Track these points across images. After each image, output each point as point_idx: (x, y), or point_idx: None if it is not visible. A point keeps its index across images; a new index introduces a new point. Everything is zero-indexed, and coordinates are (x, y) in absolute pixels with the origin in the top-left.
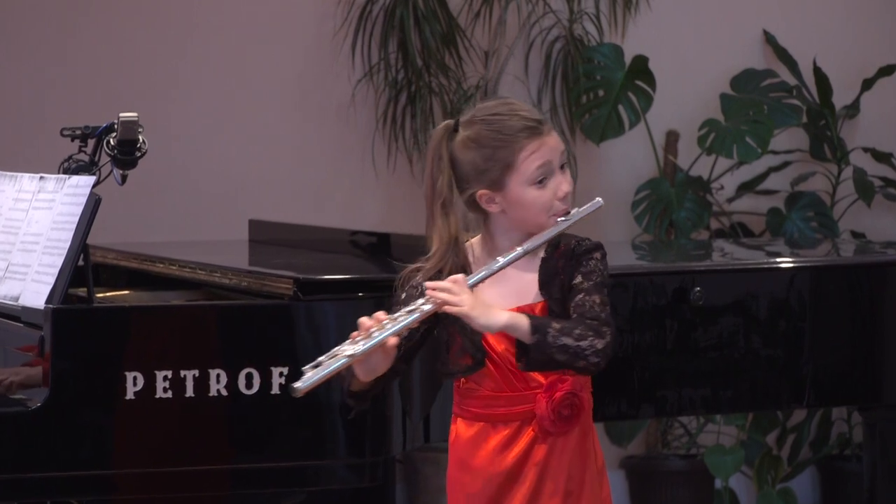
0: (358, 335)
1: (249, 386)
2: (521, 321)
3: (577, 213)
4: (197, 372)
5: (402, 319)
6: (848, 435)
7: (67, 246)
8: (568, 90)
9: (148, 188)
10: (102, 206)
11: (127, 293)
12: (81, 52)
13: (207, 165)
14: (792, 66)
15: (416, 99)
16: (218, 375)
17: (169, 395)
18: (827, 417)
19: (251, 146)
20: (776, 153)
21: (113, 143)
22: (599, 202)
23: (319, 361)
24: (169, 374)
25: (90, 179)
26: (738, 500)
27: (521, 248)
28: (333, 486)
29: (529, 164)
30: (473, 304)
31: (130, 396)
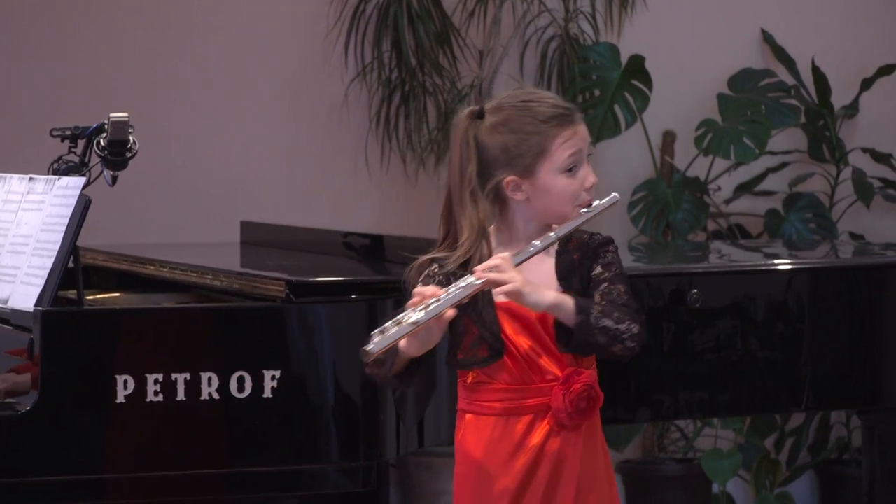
0: (414, 305)
1: (241, 389)
2: (566, 301)
3: (598, 205)
4: (188, 375)
5: (456, 293)
6: (847, 439)
7: (57, 248)
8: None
9: (138, 189)
10: (92, 207)
11: (117, 295)
12: (72, 52)
13: (198, 166)
14: (790, 65)
15: (409, 99)
16: (209, 379)
17: (160, 398)
18: (825, 421)
19: (243, 147)
20: (774, 154)
21: (103, 143)
22: (616, 197)
23: (384, 328)
24: (160, 377)
25: (80, 180)
26: None
27: (553, 233)
28: (327, 490)
29: (563, 151)
30: (524, 281)
31: (121, 400)
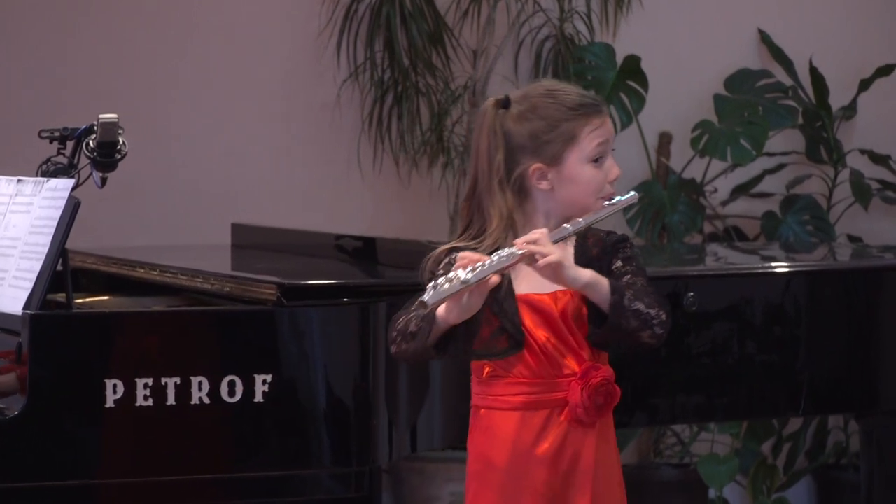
0: (462, 267)
1: (232, 394)
2: (602, 280)
3: (619, 200)
4: (178, 379)
5: (499, 261)
6: (844, 444)
7: (46, 250)
8: None
9: (128, 191)
10: (82, 209)
11: (107, 299)
12: (62, 54)
13: (189, 168)
14: (787, 66)
15: (402, 99)
16: (200, 383)
17: (150, 402)
18: (823, 426)
19: (234, 148)
20: (771, 155)
21: (92, 144)
22: (636, 196)
23: (437, 283)
24: (150, 381)
25: (69, 182)
26: None
27: (582, 219)
28: (319, 496)
29: (591, 140)
30: (563, 255)
31: (110, 404)
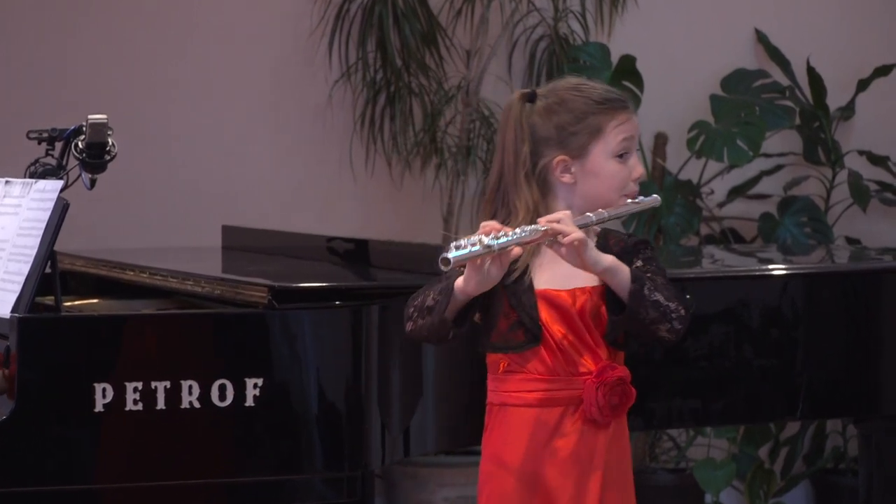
0: (486, 233)
1: (223, 398)
2: (623, 266)
3: (642, 199)
4: (168, 383)
5: (521, 234)
6: (843, 448)
7: (34, 253)
8: None
9: (117, 193)
10: (71, 211)
11: (96, 302)
12: (47, 55)
13: (179, 169)
14: (785, 66)
15: (395, 100)
16: (190, 387)
17: (139, 407)
18: (821, 430)
19: (224, 149)
20: (768, 156)
21: (81, 145)
22: (658, 199)
23: (458, 244)
24: (139, 385)
25: (57, 184)
26: None
27: (606, 211)
28: (311, 501)
29: (616, 134)
30: (585, 236)
31: (99, 409)
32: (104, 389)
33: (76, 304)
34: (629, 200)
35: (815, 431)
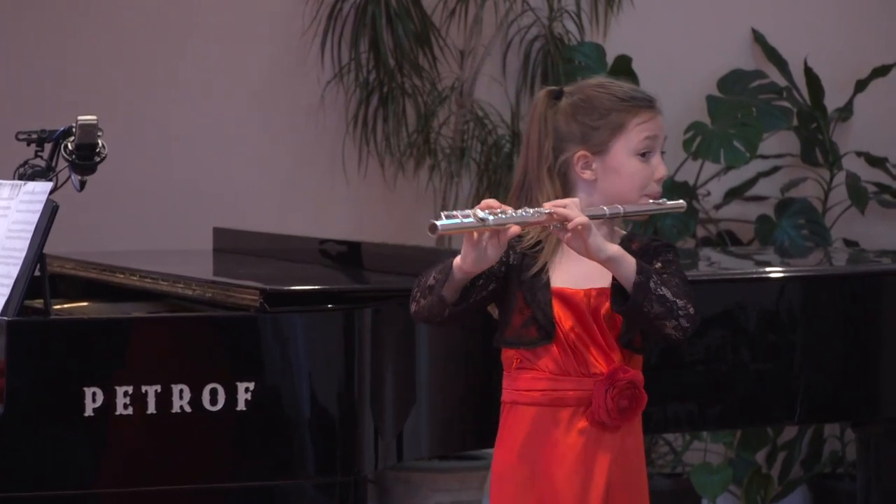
0: (483, 209)
1: (214, 402)
2: (629, 258)
3: (665, 202)
4: (159, 387)
5: (523, 214)
6: (841, 453)
7: (23, 255)
8: None
9: (107, 195)
10: (60, 213)
11: (86, 305)
12: (38, 54)
13: (170, 171)
14: (782, 66)
15: (388, 101)
16: (181, 391)
17: (129, 411)
18: (819, 434)
19: (215, 151)
20: (765, 157)
21: (71, 147)
22: (683, 204)
23: (451, 213)
24: (129, 389)
25: (47, 185)
26: None
27: (622, 207)
28: None
29: (639, 132)
30: (590, 221)
31: (89, 413)
32: (94, 393)
33: (66, 307)
34: (651, 201)
35: (812, 436)
